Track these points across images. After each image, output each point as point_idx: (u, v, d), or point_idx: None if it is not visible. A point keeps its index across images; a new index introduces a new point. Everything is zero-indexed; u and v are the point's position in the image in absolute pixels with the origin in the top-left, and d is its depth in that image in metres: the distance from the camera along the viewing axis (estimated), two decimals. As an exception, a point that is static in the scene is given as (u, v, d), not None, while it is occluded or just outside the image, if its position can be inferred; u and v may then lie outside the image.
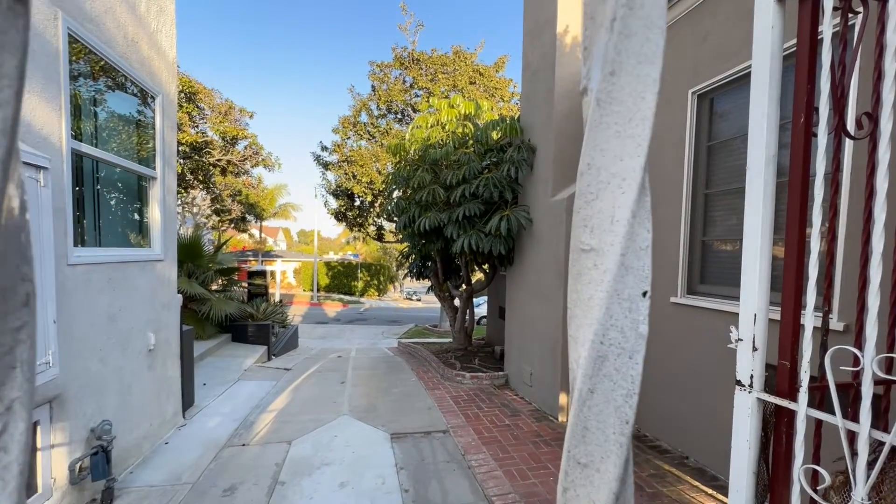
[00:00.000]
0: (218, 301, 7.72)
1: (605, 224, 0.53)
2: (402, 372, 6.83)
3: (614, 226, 0.52)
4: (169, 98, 4.02)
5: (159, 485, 3.18)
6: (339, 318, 19.81)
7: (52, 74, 2.53)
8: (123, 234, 3.68)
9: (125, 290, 3.33)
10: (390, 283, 36.03)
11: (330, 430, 4.27)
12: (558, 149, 4.82)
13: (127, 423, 3.33)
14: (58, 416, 2.62)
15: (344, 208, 14.50)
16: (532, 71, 5.32)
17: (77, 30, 2.74)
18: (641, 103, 0.55)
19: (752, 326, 1.13)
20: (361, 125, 14.15)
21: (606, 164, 0.54)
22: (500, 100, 13.89)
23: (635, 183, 0.53)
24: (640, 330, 0.53)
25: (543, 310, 4.91)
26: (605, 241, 0.52)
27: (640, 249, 0.53)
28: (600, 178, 0.54)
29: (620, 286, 0.52)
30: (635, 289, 0.53)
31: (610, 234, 0.52)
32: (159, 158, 3.89)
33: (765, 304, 1.13)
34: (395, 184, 7.17)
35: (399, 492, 3.15)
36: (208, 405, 4.87)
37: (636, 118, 0.55)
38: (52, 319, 2.32)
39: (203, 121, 15.15)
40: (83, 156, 2.98)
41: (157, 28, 3.78)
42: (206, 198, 18.47)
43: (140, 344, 3.54)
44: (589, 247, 0.54)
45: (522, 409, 4.93)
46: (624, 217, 0.52)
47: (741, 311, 1.17)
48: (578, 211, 0.55)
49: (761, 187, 1.11)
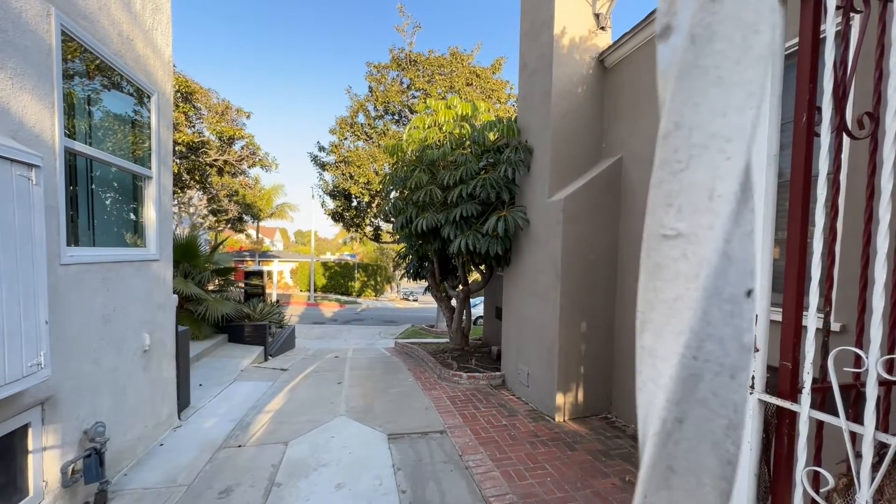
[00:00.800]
0: (214, 301, 7.68)
1: (699, 201, 0.41)
2: (399, 372, 6.81)
3: (714, 203, 0.40)
4: (165, 97, 3.98)
5: (154, 487, 3.14)
6: (336, 319, 19.76)
7: (44, 72, 2.50)
8: (118, 233, 3.64)
9: (120, 290, 3.29)
10: (387, 284, 35.98)
11: (327, 430, 4.24)
12: (555, 150, 4.82)
13: (121, 425, 3.29)
14: (50, 417, 2.58)
15: (341, 209, 14.46)
16: (529, 72, 5.32)
17: (70, 26, 2.71)
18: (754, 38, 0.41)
19: (753, 328, 1.12)
20: (359, 126, 14.12)
21: (703, 122, 0.42)
22: (497, 101, 13.90)
23: (744, 145, 0.40)
24: (745, 340, 0.40)
25: (540, 310, 4.91)
26: (701, 224, 0.40)
27: (745, 235, 0.40)
28: (693, 142, 0.41)
29: (721, 283, 0.40)
30: (738, 286, 0.40)
31: (707, 214, 0.40)
32: (155, 158, 3.85)
33: (766, 306, 1.13)
34: (392, 184, 7.16)
35: (396, 493, 3.14)
36: (204, 406, 4.83)
37: (747, 59, 0.41)
38: (43, 320, 2.29)
39: (200, 121, 15.06)
40: (77, 154, 2.95)
41: (152, 26, 3.75)
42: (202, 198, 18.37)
43: (135, 345, 3.51)
44: (675, 232, 0.42)
45: (519, 409, 4.92)
46: (728, 191, 0.40)
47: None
48: (659, 185, 0.42)
49: (762, 187, 1.10)
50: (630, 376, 4.48)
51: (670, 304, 0.42)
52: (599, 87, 4.98)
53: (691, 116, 0.43)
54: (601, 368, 4.74)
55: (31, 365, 2.21)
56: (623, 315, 4.63)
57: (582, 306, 4.62)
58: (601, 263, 4.69)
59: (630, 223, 4.56)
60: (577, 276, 4.59)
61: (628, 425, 4.43)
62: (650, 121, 4.24)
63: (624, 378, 4.59)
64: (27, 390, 2.27)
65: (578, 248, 4.59)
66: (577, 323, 4.62)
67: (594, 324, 4.68)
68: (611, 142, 4.87)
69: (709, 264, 0.40)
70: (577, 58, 4.88)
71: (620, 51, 4.64)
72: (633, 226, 4.52)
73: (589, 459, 3.67)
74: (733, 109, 0.41)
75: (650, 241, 0.45)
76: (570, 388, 4.63)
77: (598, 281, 4.68)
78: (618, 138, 4.75)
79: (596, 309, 4.69)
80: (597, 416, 4.73)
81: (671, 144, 0.43)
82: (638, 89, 4.45)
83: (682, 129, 0.43)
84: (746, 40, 0.42)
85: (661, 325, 0.43)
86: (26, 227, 2.17)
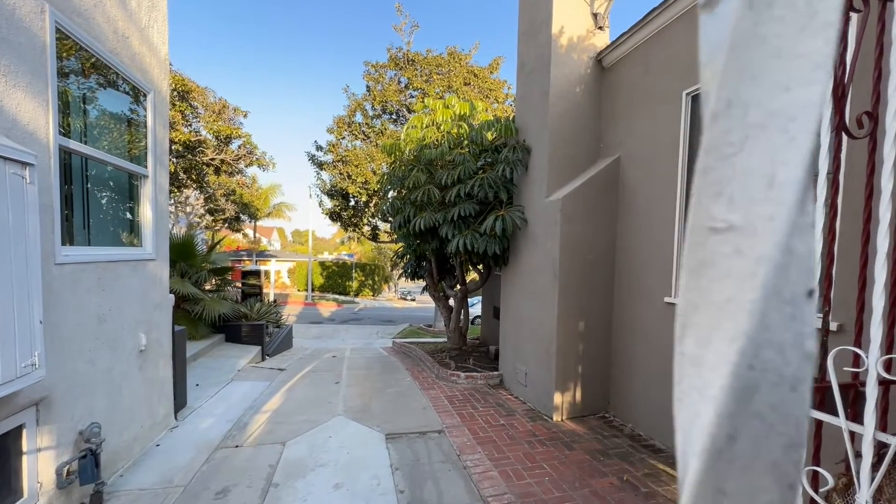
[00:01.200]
0: (211, 301, 7.64)
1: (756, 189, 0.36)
2: (396, 372, 6.80)
3: (774, 191, 0.36)
4: (161, 95, 3.96)
5: (150, 488, 3.12)
6: (334, 318, 19.72)
7: (38, 69, 2.48)
8: (114, 233, 3.62)
9: (115, 289, 3.27)
10: (385, 283, 35.93)
11: (324, 430, 4.23)
12: (553, 149, 4.82)
13: (117, 426, 3.27)
14: (45, 418, 2.56)
15: (339, 208, 14.42)
16: (527, 71, 5.31)
17: (65, 24, 2.69)
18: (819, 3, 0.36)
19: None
20: (356, 125, 14.08)
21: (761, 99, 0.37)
22: (495, 101, 13.88)
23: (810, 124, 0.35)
24: (807, 348, 0.36)
25: (538, 310, 4.91)
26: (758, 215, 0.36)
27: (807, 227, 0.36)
28: (749, 121, 0.36)
29: (781, 282, 0.36)
30: (799, 285, 0.36)
31: (766, 203, 0.36)
32: (151, 156, 3.83)
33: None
34: (390, 184, 7.14)
35: (394, 493, 3.13)
36: (201, 406, 4.81)
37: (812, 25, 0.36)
38: (38, 320, 2.27)
39: (196, 119, 14.99)
40: (72, 153, 2.92)
41: (148, 23, 3.72)
42: (199, 197, 18.29)
43: (131, 345, 3.48)
44: (727, 224, 0.37)
45: (517, 408, 4.92)
46: (792, 177, 0.35)
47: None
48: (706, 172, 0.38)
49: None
50: (628, 376, 4.49)
51: (720, 306, 0.38)
52: (597, 86, 4.98)
53: (748, 91, 0.38)
54: (599, 368, 4.75)
55: (26, 365, 2.19)
56: (621, 315, 4.64)
57: (580, 306, 4.63)
58: (599, 263, 4.69)
59: (628, 223, 4.56)
60: (575, 275, 4.59)
61: (626, 424, 4.44)
62: (648, 121, 4.25)
63: (622, 377, 4.60)
64: (21, 391, 2.25)
65: (576, 247, 4.59)
66: (575, 322, 4.62)
67: (592, 323, 4.69)
68: (608, 142, 4.87)
69: (769, 261, 0.36)
70: (575, 57, 4.88)
71: (618, 50, 4.64)
72: (630, 226, 4.52)
73: (587, 459, 3.67)
74: (797, 83, 0.36)
75: (695, 236, 0.40)
76: (567, 387, 4.63)
77: (595, 281, 4.68)
78: (616, 138, 4.75)
79: (594, 308, 4.69)
80: (594, 415, 4.74)
81: (722, 125, 0.38)
82: (636, 89, 4.45)
83: (736, 107, 0.38)
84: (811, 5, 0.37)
85: (709, 330, 0.39)
86: (20, 226, 2.15)
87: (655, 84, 4.16)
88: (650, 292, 4.17)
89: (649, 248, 4.22)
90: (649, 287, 4.19)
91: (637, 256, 4.40)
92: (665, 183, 3.99)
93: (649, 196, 4.23)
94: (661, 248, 4.04)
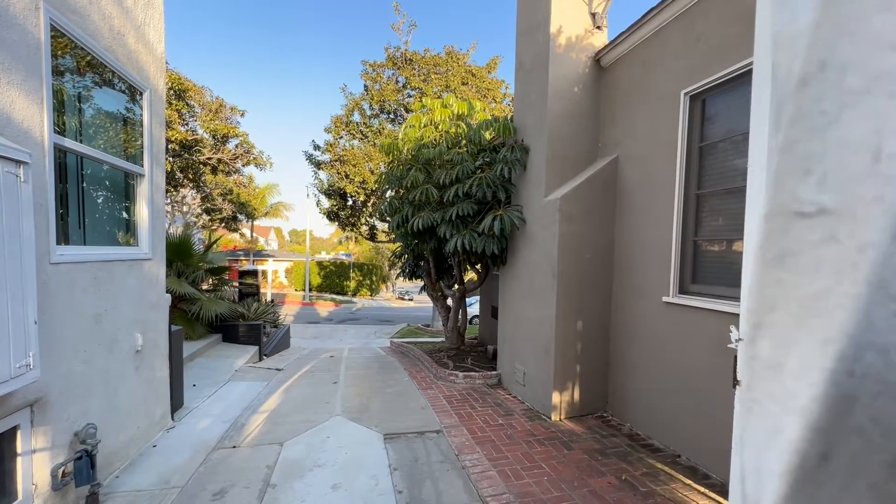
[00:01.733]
0: (208, 301, 7.61)
1: (856, 165, 0.29)
2: (394, 372, 6.78)
3: (881, 166, 0.28)
4: (157, 94, 3.93)
5: (147, 489, 3.10)
6: (332, 318, 19.68)
7: (33, 67, 2.45)
8: (110, 232, 3.59)
9: (111, 289, 3.25)
10: (382, 283, 35.91)
11: (322, 431, 4.22)
12: (551, 149, 4.82)
13: (113, 426, 3.24)
14: (39, 419, 2.54)
15: (336, 208, 14.39)
16: (525, 71, 5.31)
17: (60, 21, 2.66)
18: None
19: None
20: (354, 125, 14.05)
21: (860, 59, 0.29)
22: (493, 101, 13.88)
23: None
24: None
25: (536, 309, 4.90)
26: (860, 196, 0.29)
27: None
28: (846, 86, 0.29)
29: (888, 274, 0.28)
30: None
31: (871, 181, 0.28)
32: (147, 155, 3.80)
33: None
34: (388, 183, 7.12)
35: (393, 493, 3.12)
36: (198, 406, 4.78)
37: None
38: (32, 320, 2.24)
39: (193, 118, 14.92)
40: (67, 151, 2.90)
41: (144, 21, 3.69)
42: (196, 196, 18.21)
43: (127, 345, 3.46)
44: (817, 207, 0.30)
45: (516, 408, 4.92)
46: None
47: (742, 310, 1.15)
48: (790, 149, 0.32)
49: (763, 185, 1.10)
50: (626, 375, 4.49)
51: (806, 302, 0.32)
52: (596, 86, 4.99)
53: (845, 51, 0.31)
54: (597, 367, 4.75)
55: (20, 366, 2.17)
56: (619, 314, 4.64)
57: (578, 305, 4.63)
58: (597, 263, 4.70)
59: (626, 223, 4.57)
60: (574, 275, 4.59)
61: (624, 424, 4.44)
62: (646, 121, 4.25)
63: (620, 377, 4.60)
64: (16, 392, 2.23)
65: (575, 247, 4.59)
66: (574, 322, 4.62)
67: (590, 323, 4.69)
68: (607, 141, 4.87)
69: (874, 249, 0.29)
70: (574, 57, 4.88)
71: (616, 50, 4.64)
72: (629, 225, 4.52)
73: (585, 458, 3.68)
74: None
75: (774, 222, 0.34)
76: (566, 387, 4.63)
77: (594, 280, 4.68)
78: (614, 138, 4.75)
79: (592, 308, 4.69)
80: (593, 414, 4.74)
81: (812, 92, 0.32)
82: (634, 89, 4.45)
83: (831, 69, 0.31)
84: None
85: (792, 331, 0.33)
86: (14, 225, 2.13)
87: (654, 84, 4.16)
88: (649, 292, 4.18)
89: (648, 247, 4.22)
90: (648, 287, 4.19)
91: (635, 256, 4.40)
92: (663, 183, 4.00)
93: (648, 196, 4.23)
94: (660, 248, 4.04)
